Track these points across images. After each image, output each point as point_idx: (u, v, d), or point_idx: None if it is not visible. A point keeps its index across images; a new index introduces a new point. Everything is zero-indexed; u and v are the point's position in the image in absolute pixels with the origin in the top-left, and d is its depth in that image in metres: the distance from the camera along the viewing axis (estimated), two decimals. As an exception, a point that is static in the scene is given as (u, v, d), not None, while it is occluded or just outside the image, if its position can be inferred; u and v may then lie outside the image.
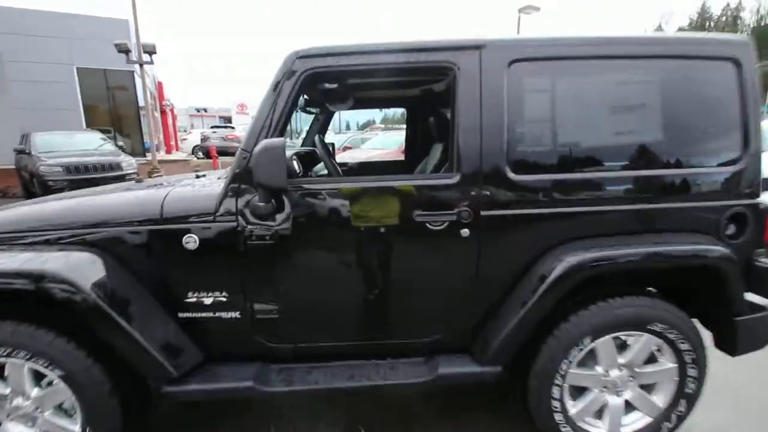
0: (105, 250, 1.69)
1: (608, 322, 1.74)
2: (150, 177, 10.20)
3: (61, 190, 7.84)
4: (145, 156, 15.05)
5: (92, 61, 15.10)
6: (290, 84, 1.68)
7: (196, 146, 19.64)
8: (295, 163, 2.10)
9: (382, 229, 1.73)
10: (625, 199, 1.77)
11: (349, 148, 13.67)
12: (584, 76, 1.76)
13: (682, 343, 1.78)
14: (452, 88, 1.73)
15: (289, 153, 2.44)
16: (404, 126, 3.82)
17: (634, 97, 1.79)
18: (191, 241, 1.68)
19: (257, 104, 1.75)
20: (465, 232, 1.72)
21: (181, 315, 1.76)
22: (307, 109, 3.22)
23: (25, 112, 13.50)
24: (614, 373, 1.83)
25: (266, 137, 1.65)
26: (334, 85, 1.88)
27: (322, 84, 1.86)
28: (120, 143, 11.89)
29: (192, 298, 1.74)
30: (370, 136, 16.51)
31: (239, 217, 1.70)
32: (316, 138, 2.48)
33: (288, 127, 1.82)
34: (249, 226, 1.69)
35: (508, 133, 1.71)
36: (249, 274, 1.74)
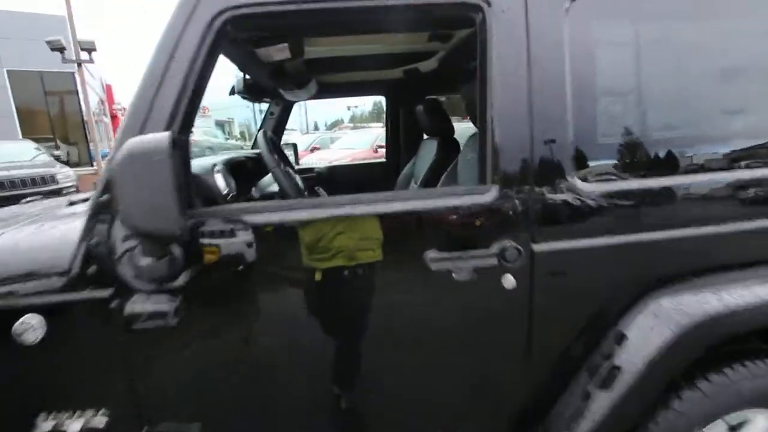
0: None
1: (725, 404, 1.14)
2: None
3: (-17, 209, 6.74)
4: (92, 165, 13.73)
5: (26, 62, 13.64)
6: (196, 35, 0.94)
7: (151, 153, 18.26)
8: (219, 176, 1.35)
9: (373, 282, 1.05)
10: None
11: (318, 148, 12.73)
12: (695, 20, 1.09)
13: None
14: (481, 43, 1.04)
15: (218, 158, 1.69)
16: (373, 125, 3.11)
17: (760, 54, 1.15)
18: (29, 329, 0.93)
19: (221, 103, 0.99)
20: (510, 281, 1.05)
21: None
22: (261, 98, 2.49)
23: (-52, 122, 12.01)
24: (722, 467, 1.23)
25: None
26: (282, 48, 1.14)
27: (262, 43, 1.12)
28: (58, 152, 10.58)
29: (46, 421, 1.00)
30: (339, 135, 15.63)
31: (115, 280, 0.96)
32: (260, 135, 1.65)
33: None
34: (133, 299, 0.95)
35: (574, 114, 1.04)
36: (143, 374, 1.01)
